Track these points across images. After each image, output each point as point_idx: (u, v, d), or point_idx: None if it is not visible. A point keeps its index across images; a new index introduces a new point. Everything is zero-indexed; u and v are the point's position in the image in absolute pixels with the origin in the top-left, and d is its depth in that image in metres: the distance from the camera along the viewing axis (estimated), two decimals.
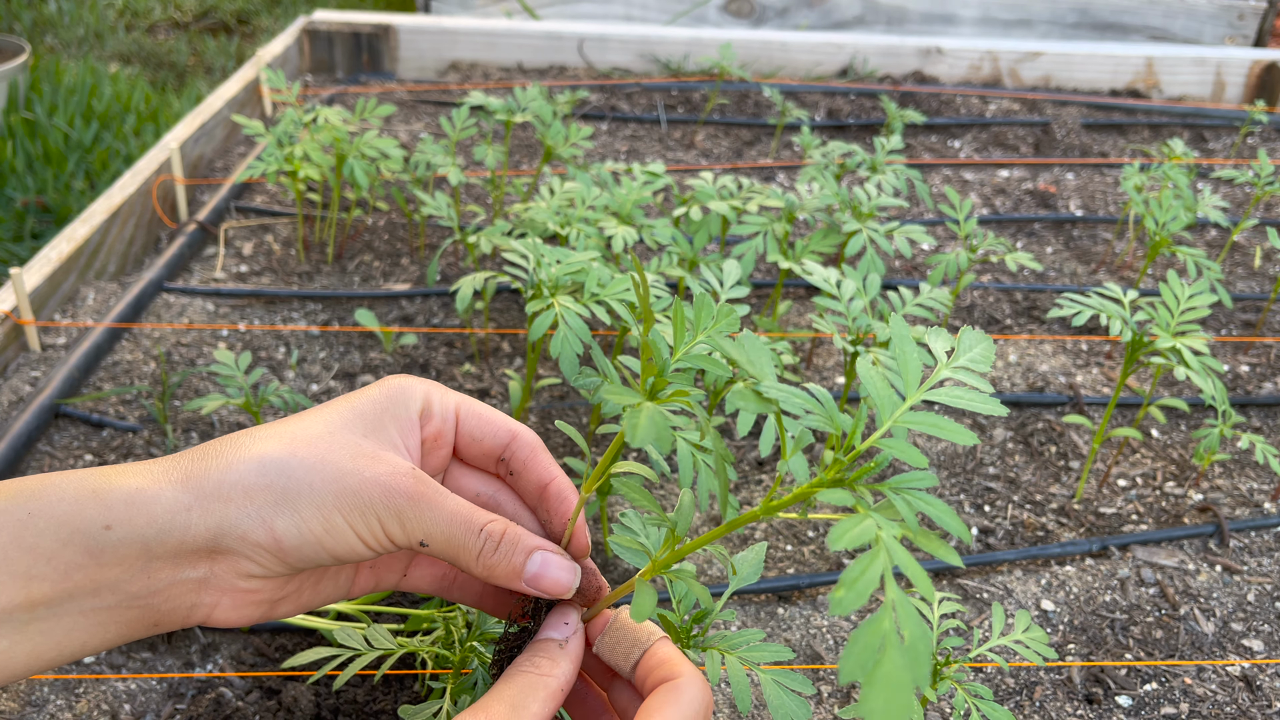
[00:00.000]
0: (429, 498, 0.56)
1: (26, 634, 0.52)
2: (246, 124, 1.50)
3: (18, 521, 0.51)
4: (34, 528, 0.51)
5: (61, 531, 0.51)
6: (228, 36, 4.06)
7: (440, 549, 0.57)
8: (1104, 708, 0.94)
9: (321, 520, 0.54)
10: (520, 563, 0.57)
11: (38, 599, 0.51)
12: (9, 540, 0.51)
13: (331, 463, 0.55)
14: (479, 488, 0.65)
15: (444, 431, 0.63)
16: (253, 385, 1.26)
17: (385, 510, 0.55)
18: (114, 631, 0.54)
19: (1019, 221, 1.88)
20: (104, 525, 0.52)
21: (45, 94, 2.90)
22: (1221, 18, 3.15)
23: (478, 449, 0.64)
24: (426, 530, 0.56)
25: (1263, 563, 1.12)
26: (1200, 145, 2.29)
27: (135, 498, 0.53)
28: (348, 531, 0.55)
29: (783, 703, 0.70)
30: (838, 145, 1.54)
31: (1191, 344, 1.02)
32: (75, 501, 0.52)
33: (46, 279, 1.38)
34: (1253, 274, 1.75)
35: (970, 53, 2.55)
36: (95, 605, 0.53)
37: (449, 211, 1.40)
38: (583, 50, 2.52)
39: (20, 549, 0.51)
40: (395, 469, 0.56)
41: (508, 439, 0.63)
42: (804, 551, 1.11)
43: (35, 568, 0.51)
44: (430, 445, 0.63)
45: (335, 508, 0.54)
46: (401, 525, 0.56)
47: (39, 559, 0.51)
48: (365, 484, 0.55)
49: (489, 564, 0.57)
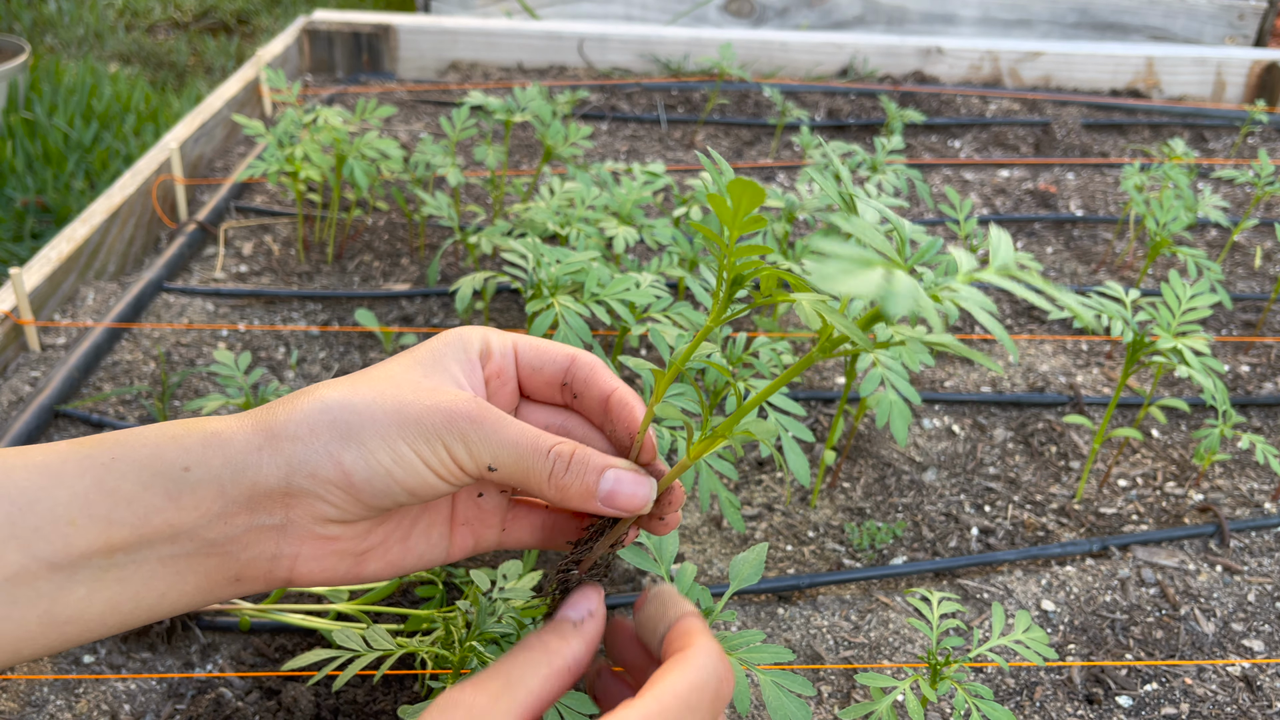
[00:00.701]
0: (492, 421, 0.55)
1: (104, 581, 0.51)
2: (246, 124, 1.50)
3: (101, 465, 0.51)
4: (116, 471, 0.51)
5: (143, 475, 0.51)
6: (228, 36, 4.05)
7: (510, 472, 0.56)
8: (1104, 708, 0.94)
9: (388, 450, 0.54)
10: (594, 481, 0.56)
11: (117, 544, 0.51)
12: (91, 484, 0.51)
13: (392, 396, 0.55)
14: (548, 419, 0.65)
15: (505, 368, 0.63)
16: (253, 385, 1.26)
17: (450, 434, 0.54)
18: (192, 582, 0.54)
19: (1019, 221, 1.88)
20: (183, 467, 0.52)
21: (45, 94, 2.90)
22: (1222, 18, 3.15)
23: (540, 379, 0.63)
24: (494, 453, 0.55)
25: (1263, 563, 1.12)
26: (1200, 145, 2.29)
27: (210, 440, 0.53)
28: (414, 460, 0.54)
29: (782, 704, 0.70)
30: (838, 145, 1.54)
31: (1193, 344, 1.02)
32: (156, 446, 0.52)
33: (46, 279, 1.38)
34: (1253, 274, 1.75)
35: (970, 53, 2.55)
36: (174, 552, 0.53)
37: (449, 211, 1.40)
38: (583, 50, 2.52)
39: (102, 492, 0.51)
40: (457, 396, 0.56)
41: (567, 362, 0.62)
42: (804, 552, 1.11)
43: (115, 511, 0.51)
44: (495, 383, 0.62)
45: (400, 436, 0.54)
46: (468, 449, 0.55)
47: (119, 502, 0.51)
48: (427, 411, 0.54)
49: (561, 484, 0.56)
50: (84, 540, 0.50)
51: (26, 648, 0.51)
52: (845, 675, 0.96)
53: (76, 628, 0.52)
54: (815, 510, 1.17)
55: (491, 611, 0.80)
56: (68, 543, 0.50)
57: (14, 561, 0.49)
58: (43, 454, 0.51)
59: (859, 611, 1.04)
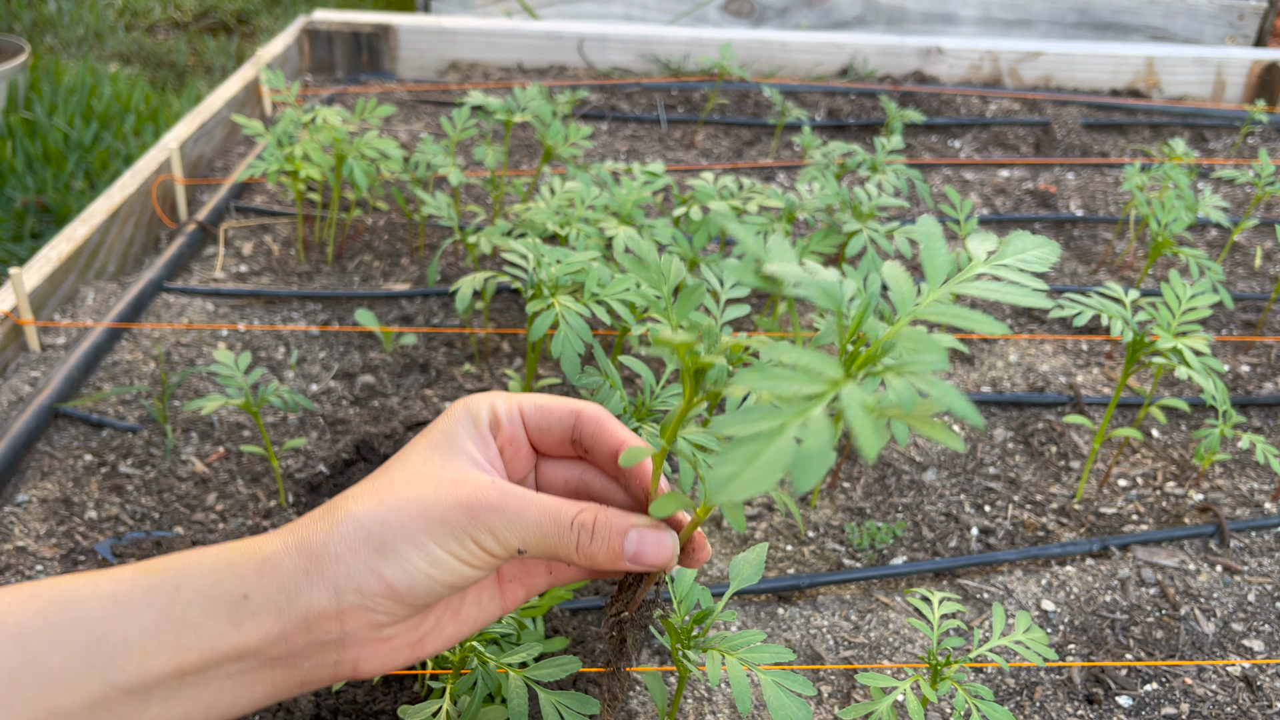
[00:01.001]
0: (513, 506, 0.58)
1: (177, 699, 0.56)
2: (246, 124, 1.50)
3: (167, 596, 0.55)
4: (181, 601, 0.55)
5: (206, 603, 0.55)
6: (227, 36, 4.05)
7: (539, 551, 0.59)
8: (1104, 708, 0.94)
9: (422, 555, 0.57)
10: (619, 545, 0.59)
11: (186, 668, 0.55)
12: (160, 614, 0.55)
13: (414, 500, 0.58)
14: (566, 474, 0.67)
15: (515, 434, 0.65)
16: (252, 385, 1.26)
17: (476, 528, 0.57)
18: (261, 691, 0.58)
19: (1019, 221, 1.88)
20: (242, 595, 0.56)
21: (45, 94, 2.90)
22: (1222, 17, 3.15)
23: (550, 439, 0.66)
24: (521, 536, 0.58)
25: (1263, 563, 1.12)
26: (1201, 145, 2.29)
27: (263, 567, 0.57)
28: (448, 559, 0.57)
29: (783, 704, 0.70)
30: (838, 145, 1.54)
31: (1193, 344, 1.02)
32: (216, 575, 0.56)
33: (46, 279, 1.38)
34: (1253, 274, 1.75)
35: (970, 52, 2.55)
36: (241, 669, 0.57)
37: (449, 211, 1.40)
38: (583, 50, 2.52)
39: (170, 621, 0.55)
40: (476, 488, 0.58)
41: (572, 420, 0.65)
42: (804, 551, 1.11)
43: (184, 639, 0.55)
44: (509, 451, 0.65)
45: (431, 539, 0.57)
46: (495, 537, 0.58)
47: (187, 630, 0.55)
48: (450, 510, 0.57)
49: (590, 553, 0.59)
50: (156, 666, 0.54)
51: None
52: (845, 675, 0.96)
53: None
54: (815, 510, 1.17)
55: None
56: (141, 669, 0.54)
57: (94, 689, 0.53)
58: (111, 584, 0.55)
59: (859, 611, 1.04)
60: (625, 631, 0.63)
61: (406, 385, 1.32)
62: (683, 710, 0.91)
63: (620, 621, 0.63)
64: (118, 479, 1.14)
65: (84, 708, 0.53)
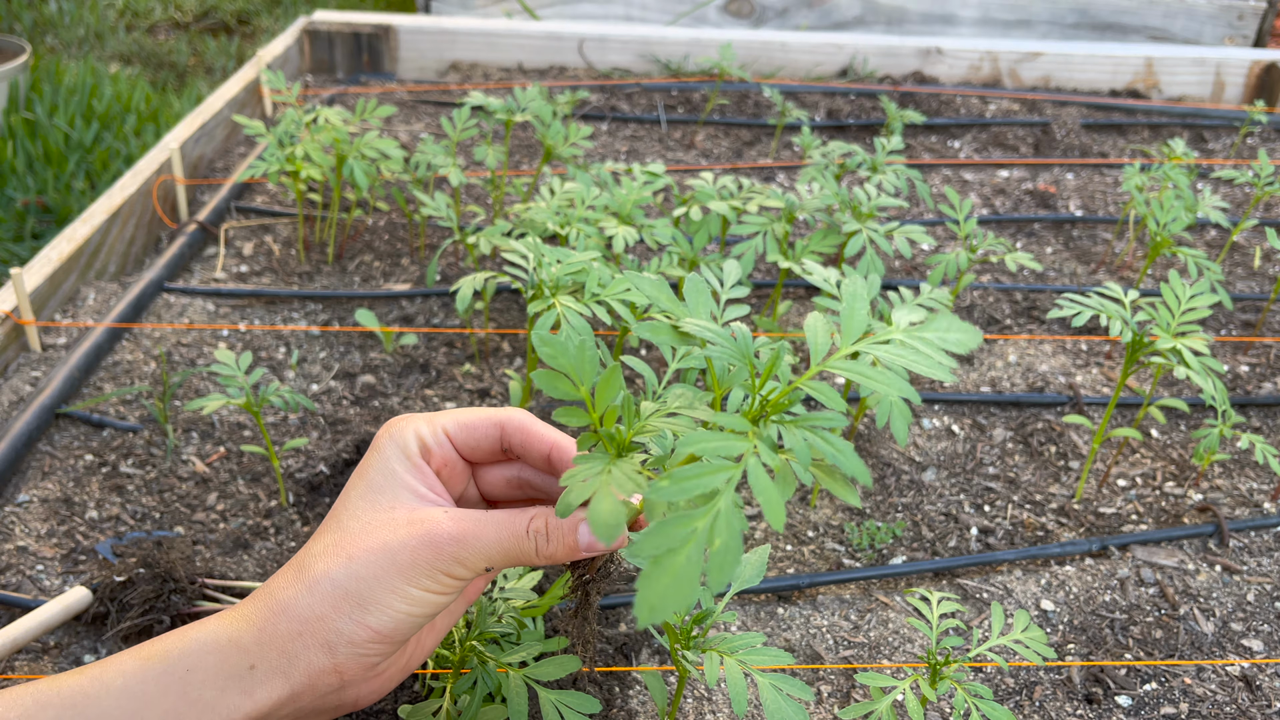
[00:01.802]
0: (472, 531, 0.63)
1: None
2: (247, 124, 1.50)
3: (179, 680, 0.59)
4: (194, 683, 0.60)
5: (218, 680, 0.60)
6: (228, 37, 4.06)
7: (504, 564, 0.64)
8: (1104, 707, 0.94)
9: (400, 598, 0.62)
10: (573, 541, 0.64)
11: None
12: (177, 698, 0.59)
13: (378, 549, 0.62)
14: (504, 474, 0.72)
15: (446, 455, 0.69)
16: (253, 385, 1.26)
17: (443, 561, 0.62)
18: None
19: (1019, 222, 1.88)
20: (249, 666, 0.61)
21: (46, 94, 2.91)
22: (1221, 18, 3.15)
23: (480, 452, 0.70)
24: (486, 556, 0.63)
25: (1262, 562, 1.13)
26: (1200, 145, 2.29)
27: (261, 636, 0.61)
28: (424, 595, 0.62)
29: (780, 708, 0.70)
30: (838, 145, 1.54)
31: (1192, 344, 1.02)
32: (220, 652, 0.61)
33: (47, 279, 1.38)
34: (1252, 274, 1.76)
35: (970, 53, 2.55)
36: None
37: (449, 212, 1.40)
38: (583, 51, 2.52)
39: (186, 703, 0.59)
40: (433, 523, 0.63)
41: (497, 432, 0.69)
42: (804, 551, 1.11)
43: (204, 718, 0.59)
44: (446, 473, 0.69)
45: (405, 583, 0.61)
46: (462, 564, 0.62)
47: (205, 710, 0.59)
48: (415, 551, 0.62)
49: (549, 554, 0.64)
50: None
51: None
52: (845, 675, 0.97)
53: None
54: (815, 510, 1.17)
55: (492, 611, 0.81)
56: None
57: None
58: (120, 677, 0.59)
59: (859, 611, 1.04)
60: (589, 589, 0.68)
61: (407, 385, 1.32)
62: (682, 710, 0.91)
63: (584, 583, 0.68)
64: (118, 479, 1.14)
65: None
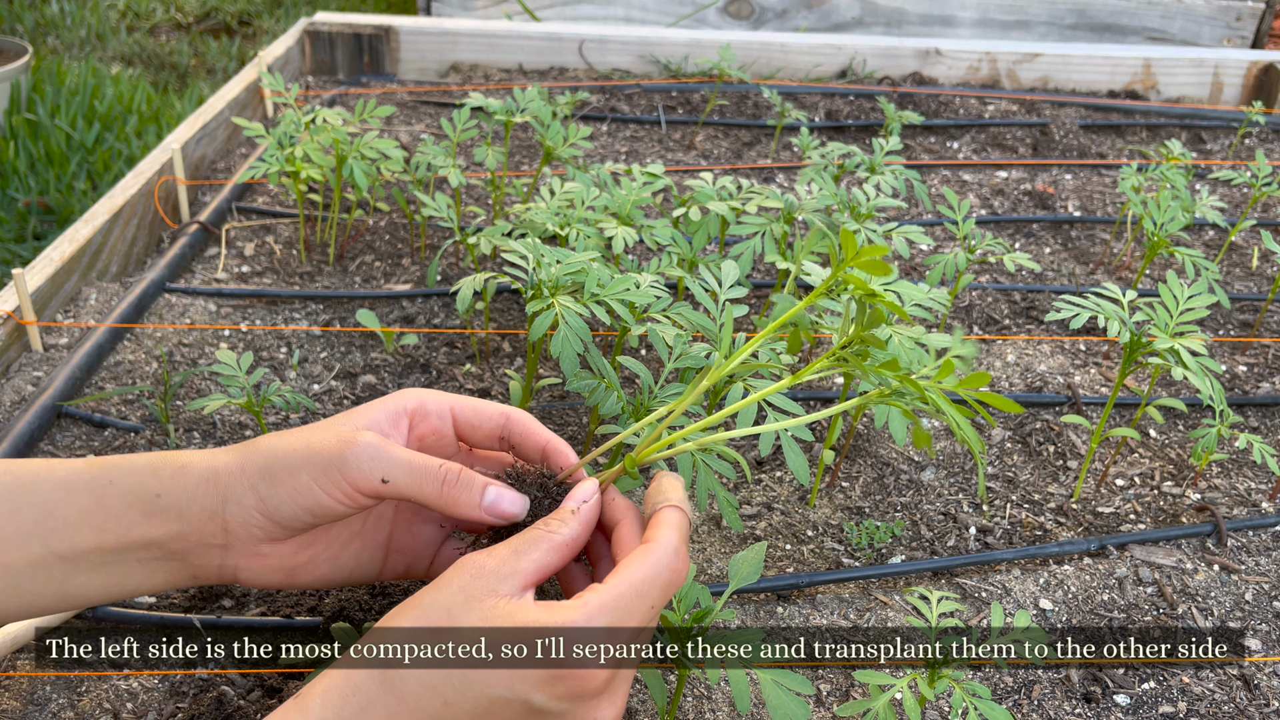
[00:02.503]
0: (385, 446, 0.68)
1: (99, 572, 0.69)
2: (248, 125, 1.51)
3: (101, 487, 0.68)
4: (111, 493, 0.68)
5: (128, 498, 0.68)
6: (229, 38, 4.06)
7: (402, 484, 0.68)
8: (1102, 706, 0.94)
9: (290, 480, 0.68)
10: (478, 494, 0.69)
11: (107, 547, 0.68)
12: (93, 502, 0.68)
13: (306, 439, 0.69)
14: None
15: (442, 427, 0.74)
16: (254, 385, 1.27)
17: (343, 461, 0.67)
18: (160, 578, 0.71)
19: (1017, 222, 1.89)
20: (155, 494, 0.68)
21: (47, 95, 2.91)
22: (1219, 19, 3.16)
23: (479, 433, 0.75)
24: (385, 469, 0.67)
25: (1260, 562, 1.13)
26: (1198, 146, 2.30)
27: (178, 474, 0.69)
28: (312, 487, 0.67)
29: (782, 702, 0.71)
30: (836, 146, 1.54)
31: (1189, 345, 1.02)
32: (140, 474, 0.69)
33: (49, 279, 1.39)
34: (1250, 274, 1.76)
35: (968, 54, 2.56)
36: (146, 556, 0.69)
37: (449, 212, 1.40)
38: (583, 52, 2.53)
39: (99, 509, 0.68)
40: (359, 434, 0.68)
41: (502, 419, 0.75)
42: (803, 551, 1.12)
43: (108, 524, 0.68)
44: (431, 441, 0.74)
45: (301, 468, 0.67)
46: (360, 470, 0.67)
47: (111, 517, 0.68)
48: (325, 445, 0.68)
49: (453, 494, 0.68)
50: (84, 542, 0.68)
51: (47, 609, 0.70)
52: (845, 674, 0.97)
53: (81, 600, 0.70)
54: (814, 509, 1.17)
55: None
56: (73, 543, 0.68)
57: (36, 553, 0.67)
58: (65, 471, 0.69)
59: (858, 610, 1.04)
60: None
61: (408, 385, 1.33)
62: (682, 709, 0.92)
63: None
64: None
65: (28, 566, 0.67)
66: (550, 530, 0.65)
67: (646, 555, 0.64)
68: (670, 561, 0.65)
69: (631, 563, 0.64)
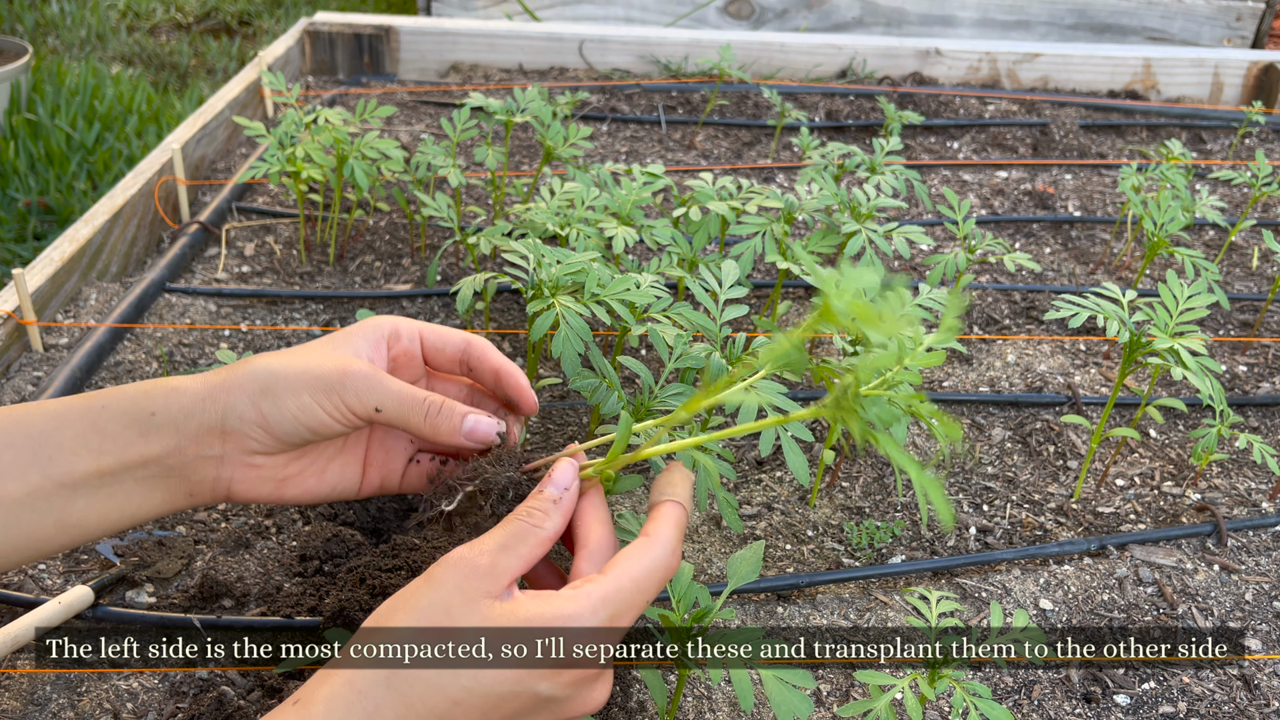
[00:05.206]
0: (380, 377, 0.73)
1: (98, 496, 0.70)
2: (248, 125, 1.51)
3: (94, 413, 0.70)
4: (105, 417, 0.70)
5: (123, 419, 0.70)
6: (229, 38, 4.06)
7: (393, 414, 0.73)
8: (1102, 706, 0.94)
9: (293, 400, 0.71)
10: (458, 421, 0.74)
11: (105, 470, 0.70)
12: (88, 426, 0.70)
13: (302, 361, 0.73)
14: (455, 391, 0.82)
15: (412, 349, 0.79)
16: None
17: (342, 387, 0.71)
18: (158, 497, 0.73)
19: (1017, 222, 1.89)
20: (150, 413, 0.71)
21: (48, 95, 2.91)
22: (1219, 19, 3.16)
23: (443, 356, 0.80)
24: (379, 399, 0.72)
25: (1260, 562, 1.13)
26: (1198, 146, 2.30)
27: (170, 393, 0.72)
28: (314, 407, 0.71)
29: (785, 698, 0.71)
30: (837, 146, 1.54)
31: (1189, 344, 1.02)
32: (133, 398, 0.71)
33: (49, 279, 1.39)
34: (1250, 274, 1.76)
35: (969, 54, 2.56)
36: (144, 475, 0.71)
37: (449, 212, 1.40)
38: (583, 52, 2.53)
39: (94, 432, 0.70)
40: (355, 363, 0.73)
41: (464, 344, 0.80)
42: (803, 550, 1.12)
43: (104, 445, 0.70)
44: (402, 360, 0.79)
45: (304, 390, 0.71)
46: (358, 396, 0.72)
47: (106, 439, 0.70)
48: (327, 370, 0.72)
49: (435, 422, 0.73)
50: (83, 466, 0.69)
51: (46, 545, 0.71)
52: (845, 674, 0.97)
53: (80, 531, 0.71)
54: (814, 509, 1.17)
55: None
56: (71, 468, 0.69)
57: (34, 481, 0.68)
58: (55, 405, 0.71)
59: (858, 610, 1.04)
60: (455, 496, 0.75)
61: None
62: (682, 709, 0.92)
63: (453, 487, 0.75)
64: None
65: (27, 495, 0.68)
66: (535, 524, 0.67)
67: (648, 549, 0.66)
68: (668, 559, 0.66)
69: (632, 555, 0.65)
